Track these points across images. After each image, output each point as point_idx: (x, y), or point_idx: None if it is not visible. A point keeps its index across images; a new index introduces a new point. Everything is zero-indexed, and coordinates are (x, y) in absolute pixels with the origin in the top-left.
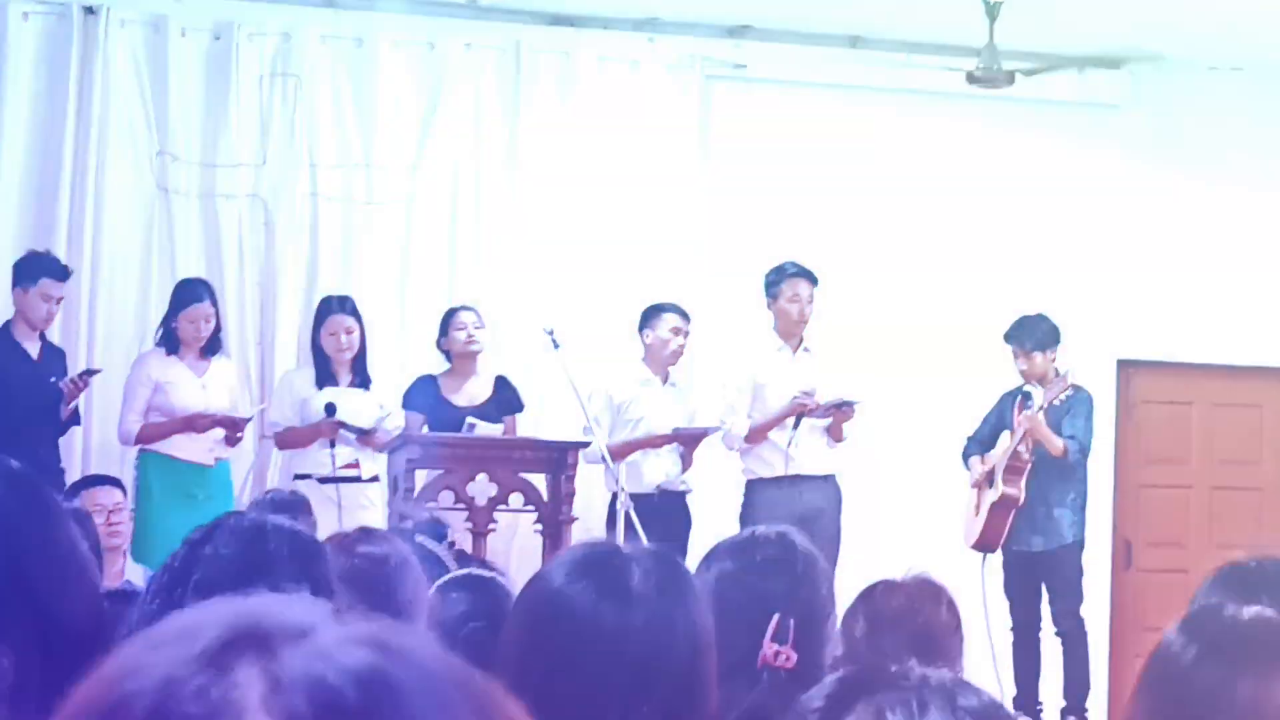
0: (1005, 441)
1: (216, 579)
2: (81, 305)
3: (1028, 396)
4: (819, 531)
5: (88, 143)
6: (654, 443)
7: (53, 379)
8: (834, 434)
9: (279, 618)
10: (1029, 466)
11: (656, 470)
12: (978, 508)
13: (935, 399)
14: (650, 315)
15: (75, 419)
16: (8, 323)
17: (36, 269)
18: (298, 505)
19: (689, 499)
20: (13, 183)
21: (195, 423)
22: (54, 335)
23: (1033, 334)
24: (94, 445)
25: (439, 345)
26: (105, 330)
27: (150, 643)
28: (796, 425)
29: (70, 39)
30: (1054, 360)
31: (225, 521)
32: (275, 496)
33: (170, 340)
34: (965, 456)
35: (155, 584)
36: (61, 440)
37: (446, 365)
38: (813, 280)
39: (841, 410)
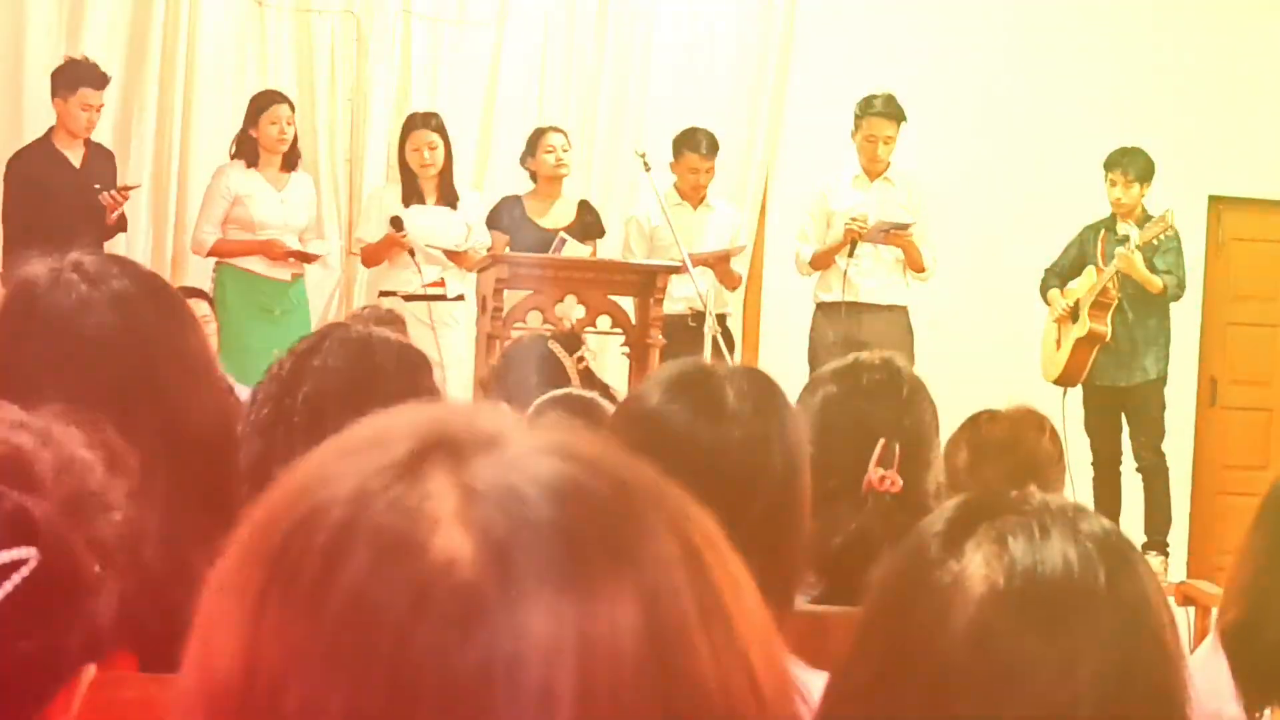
0: (1090, 276)
1: (326, 390)
2: (175, 119)
3: (1113, 231)
4: None
5: None
6: (679, 269)
7: (96, 186)
8: (912, 265)
9: (470, 426)
10: (1116, 301)
11: (689, 293)
12: (1059, 342)
13: (1016, 232)
14: (675, 148)
15: (122, 226)
16: (50, 130)
17: (74, 78)
18: (392, 322)
19: (729, 323)
20: None
21: (270, 249)
22: (144, 147)
23: (1135, 163)
24: (185, 257)
25: (523, 163)
26: (198, 144)
27: (340, 451)
28: (852, 251)
29: None
30: (1145, 190)
31: (332, 333)
32: (371, 314)
33: (249, 151)
34: (1044, 289)
35: (263, 392)
36: (152, 250)
37: (531, 186)
38: (895, 118)
39: (893, 234)
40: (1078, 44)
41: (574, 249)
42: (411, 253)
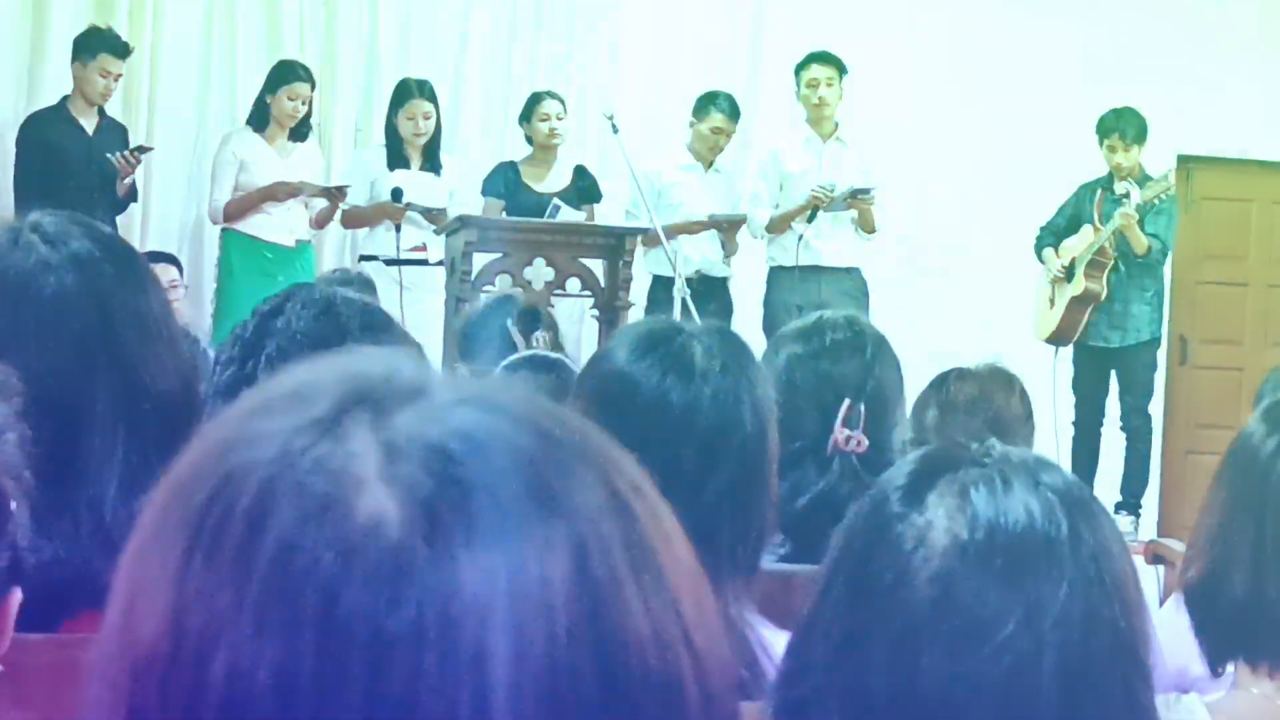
0: (1087, 235)
1: (289, 350)
2: (141, 84)
3: (1109, 190)
4: None
5: None
6: (691, 228)
7: (107, 154)
8: (864, 225)
9: (391, 378)
10: (1112, 262)
11: (696, 254)
12: (1052, 301)
13: (985, 190)
14: (699, 106)
15: (133, 195)
16: (65, 98)
17: (97, 43)
18: (364, 284)
19: (730, 284)
20: None
21: (275, 192)
22: (112, 112)
23: (1131, 125)
24: (152, 224)
25: (520, 126)
26: (164, 109)
27: (260, 408)
28: (812, 218)
29: None
30: (1140, 150)
31: (296, 293)
32: (340, 276)
33: (260, 117)
34: (1038, 247)
35: (226, 354)
36: (121, 218)
37: (511, 151)
38: (834, 65)
39: (858, 199)
40: (1047, 5)
41: (568, 214)
42: (397, 224)
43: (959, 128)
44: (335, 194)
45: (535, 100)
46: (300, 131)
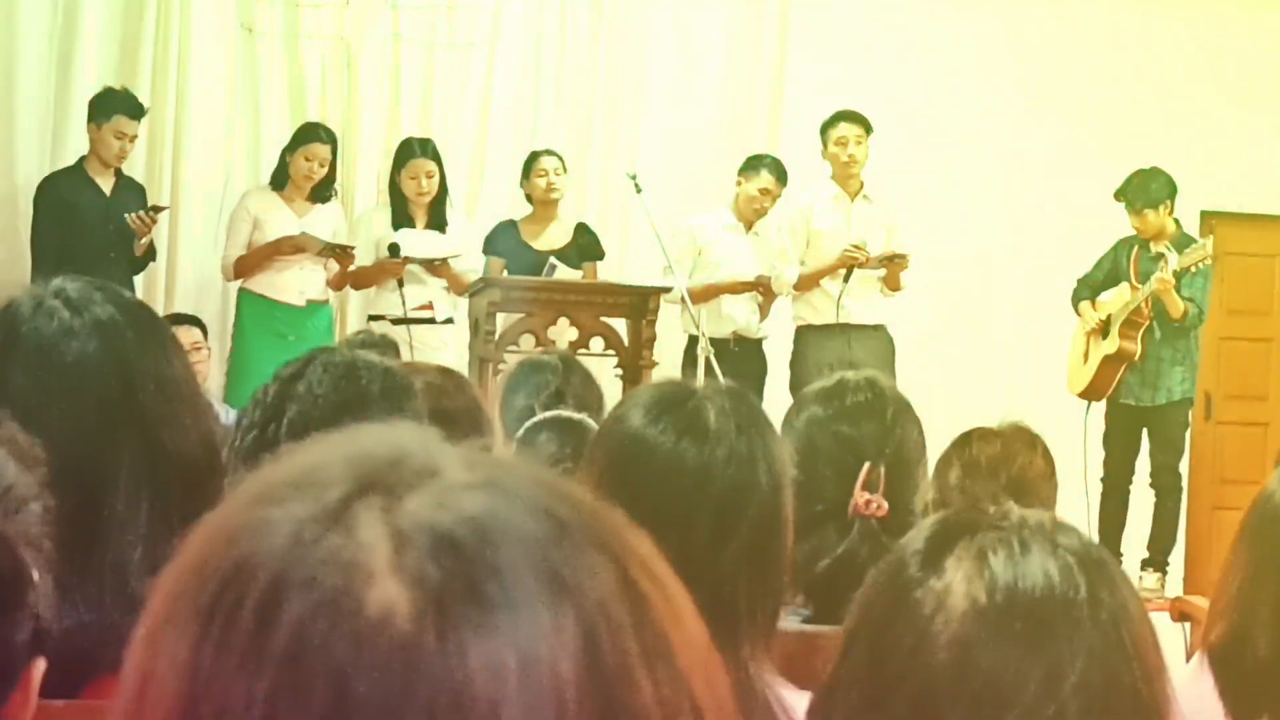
0: (1124, 293)
1: (310, 415)
2: (165, 145)
3: (1146, 248)
4: None
5: None
6: (735, 289)
7: (124, 214)
8: (890, 284)
9: (401, 461)
10: (1149, 322)
11: (734, 316)
12: (1086, 355)
13: (1011, 247)
14: (748, 166)
15: (151, 255)
16: (82, 158)
17: (111, 105)
18: (387, 346)
19: (765, 346)
20: (99, 20)
21: (281, 246)
22: (135, 173)
23: (1140, 192)
24: (178, 284)
25: (521, 186)
26: (189, 168)
27: (269, 495)
28: (848, 277)
29: None
30: (1170, 213)
31: (317, 357)
32: (365, 337)
33: (281, 176)
34: (1075, 300)
35: (247, 418)
36: (143, 278)
37: (528, 210)
38: (862, 124)
39: (894, 262)
40: (1070, 62)
41: (564, 274)
42: (400, 280)
43: (983, 183)
44: (340, 254)
45: (533, 158)
46: (321, 193)
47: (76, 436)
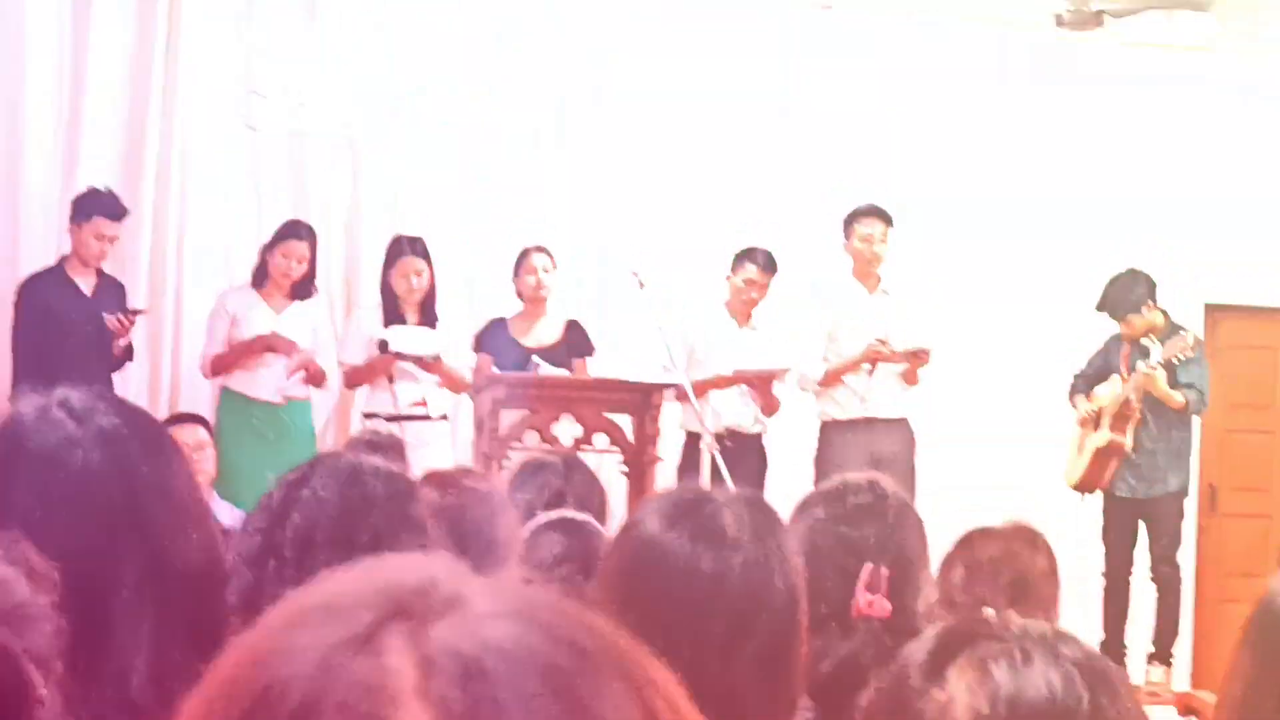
0: (1115, 386)
1: (315, 520)
2: (169, 242)
3: (1136, 343)
4: (893, 474)
5: (176, 79)
6: (718, 384)
7: (104, 314)
8: (908, 378)
9: (427, 590)
10: (1138, 415)
11: (727, 411)
12: (1081, 447)
13: (1020, 340)
14: (735, 261)
15: (129, 355)
16: (64, 258)
17: (91, 206)
18: (392, 446)
19: (765, 440)
20: (103, 119)
21: (254, 346)
22: (139, 271)
23: (1120, 301)
24: (183, 379)
25: (512, 282)
26: (193, 271)
27: (298, 620)
28: (872, 371)
29: None
30: (1154, 309)
31: (322, 462)
32: (371, 437)
33: (259, 274)
34: (1071, 394)
35: (252, 524)
36: (137, 376)
37: (519, 307)
38: (885, 219)
39: (916, 356)
40: (1074, 157)
41: (549, 372)
42: (390, 377)
43: (991, 279)
44: (292, 349)
45: (523, 254)
46: (302, 290)
47: (80, 546)
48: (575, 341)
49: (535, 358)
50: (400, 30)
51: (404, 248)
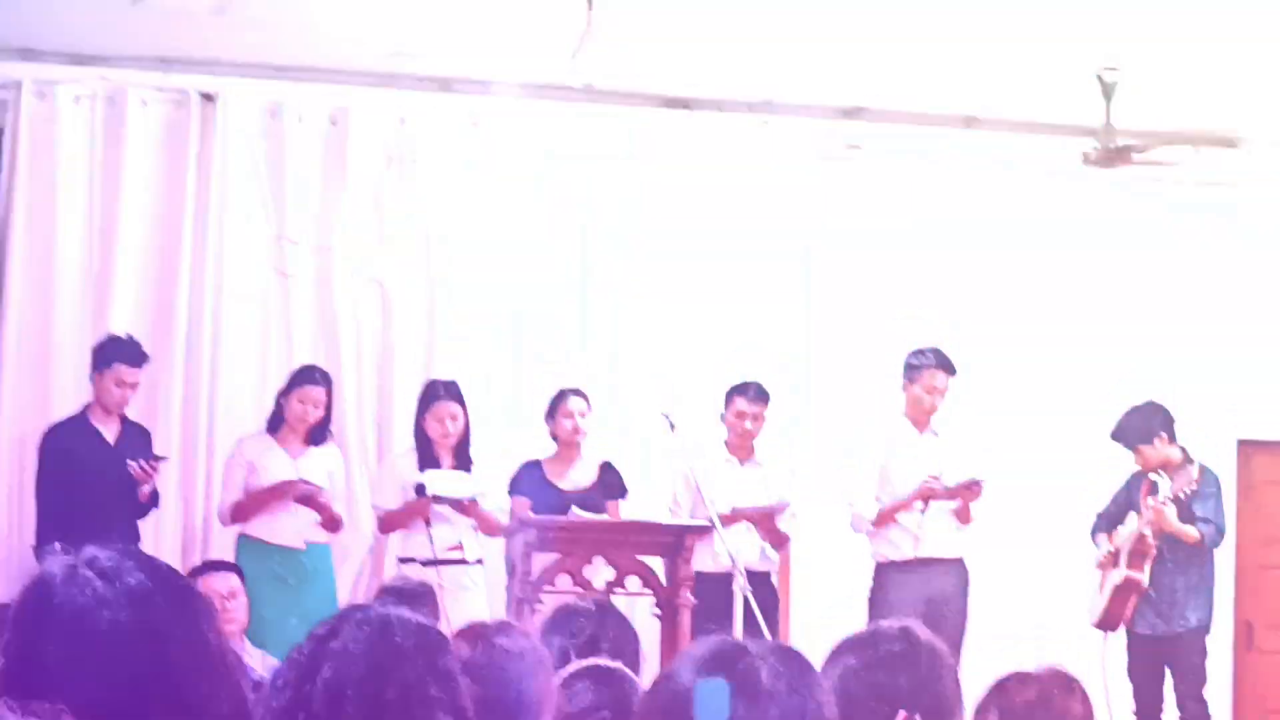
0: (1133, 523)
1: (345, 674)
2: (201, 388)
3: (1154, 481)
4: (947, 614)
5: (206, 227)
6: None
7: (128, 460)
8: (961, 516)
9: None
10: (1154, 552)
11: (733, 549)
12: (1101, 586)
13: (1057, 478)
14: (727, 397)
15: (155, 501)
16: (86, 406)
17: (111, 353)
18: (423, 595)
19: (773, 577)
20: (133, 267)
21: (278, 491)
22: (171, 417)
23: (1132, 431)
24: (214, 525)
25: (546, 424)
26: (224, 413)
27: None
28: (925, 509)
29: (188, 125)
30: (1169, 443)
31: (350, 615)
32: (403, 586)
33: (276, 420)
34: (1093, 533)
35: (282, 677)
36: (169, 523)
37: (553, 448)
38: (951, 370)
39: (969, 490)
40: (1106, 294)
41: (583, 519)
42: (426, 520)
43: (1034, 414)
44: (308, 501)
45: (560, 397)
46: (317, 435)
47: (111, 706)
48: (610, 483)
49: (574, 508)
50: (427, 176)
51: (438, 391)
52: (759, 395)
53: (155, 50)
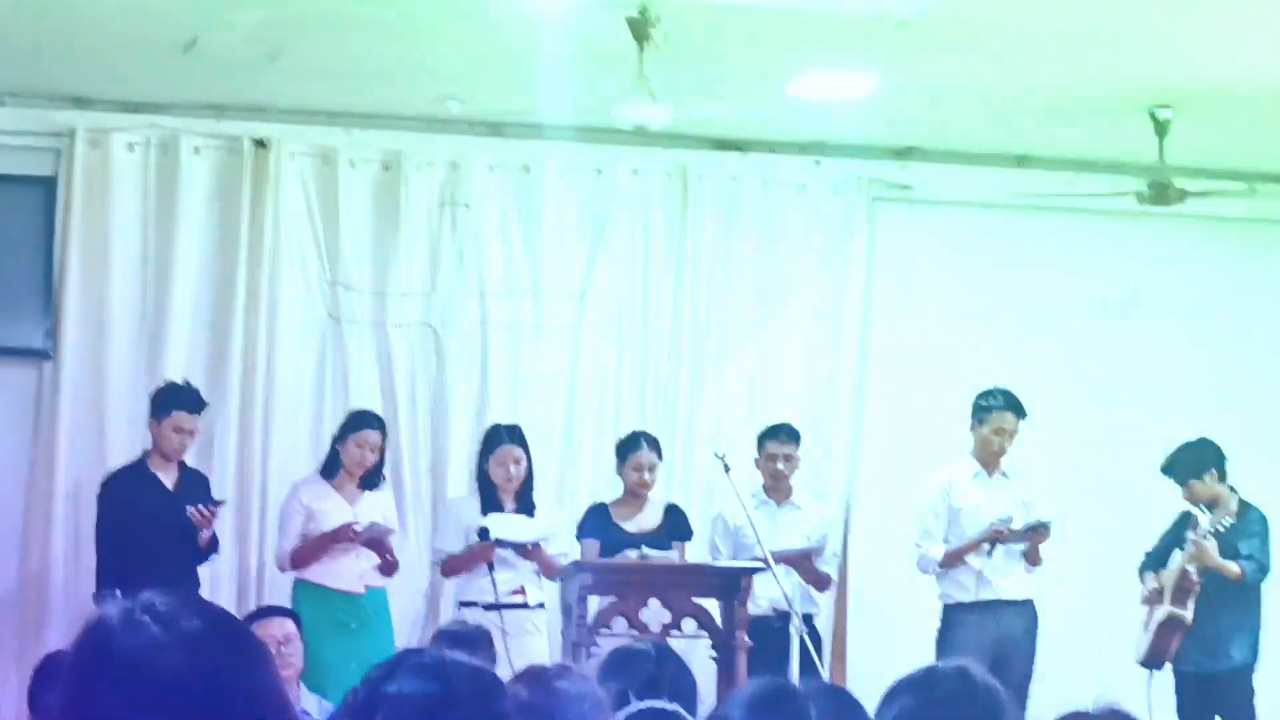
0: (1177, 560)
1: (400, 718)
2: (256, 434)
3: (1195, 516)
4: (1015, 656)
5: (260, 273)
6: (761, 569)
7: (187, 506)
8: (1030, 558)
9: None
10: (1198, 587)
11: (771, 592)
12: (1147, 623)
13: (1119, 518)
14: (758, 442)
15: (214, 547)
16: (145, 453)
17: (170, 400)
18: (479, 639)
19: (817, 621)
20: (188, 313)
21: (341, 535)
22: (227, 464)
23: (1180, 465)
24: (268, 572)
25: (617, 471)
26: (280, 459)
27: None
28: (991, 551)
29: (242, 171)
30: (1218, 479)
31: (406, 659)
32: (459, 631)
33: (332, 465)
34: (1141, 571)
35: None
36: (226, 569)
37: (617, 491)
38: (1020, 414)
39: (1037, 532)
40: (1159, 330)
41: (655, 558)
42: (490, 565)
43: (1073, 455)
44: (381, 539)
45: (634, 447)
46: (371, 480)
47: None
48: (676, 525)
49: (644, 548)
50: (480, 220)
51: (503, 436)
52: (790, 436)
53: (208, 97)
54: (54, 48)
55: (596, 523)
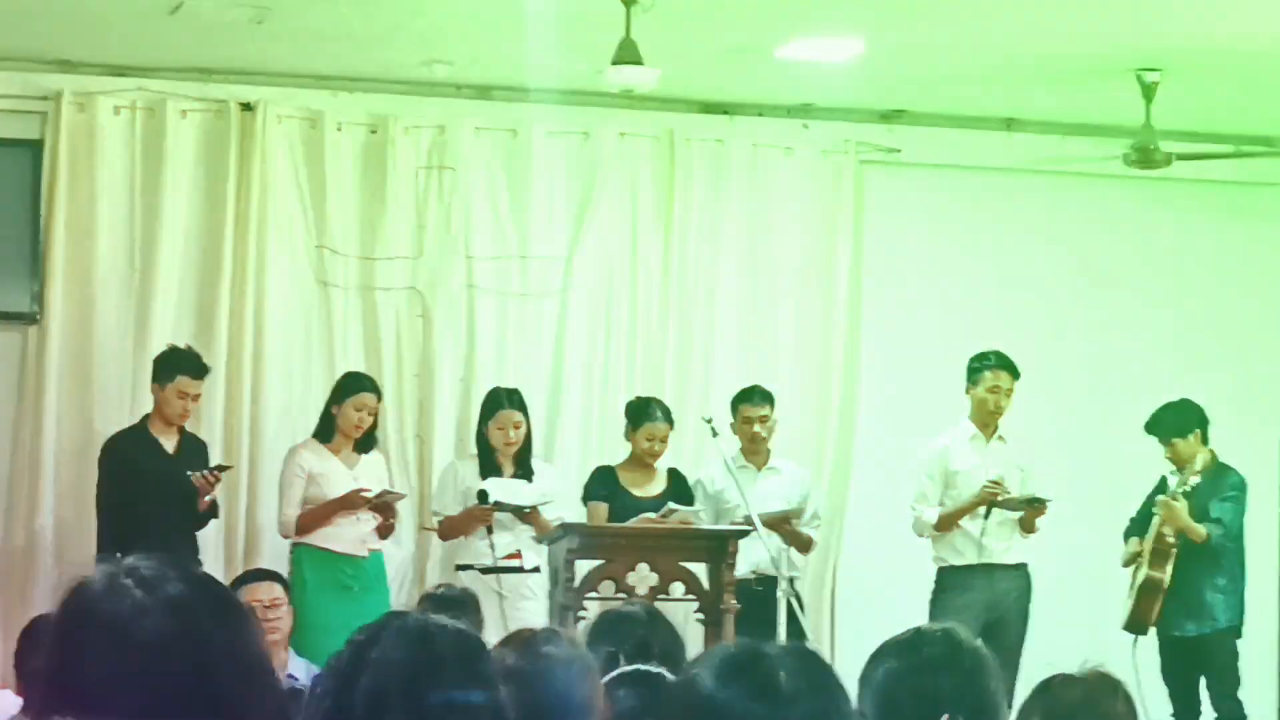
0: (1155, 524)
1: (384, 682)
2: (243, 399)
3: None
4: (1009, 619)
5: (246, 237)
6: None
7: (188, 472)
8: (1026, 526)
9: None
10: (1174, 550)
11: (751, 556)
12: (1130, 588)
13: (1103, 484)
14: (732, 406)
15: (214, 512)
16: (146, 417)
17: (174, 365)
18: (465, 602)
19: (799, 584)
20: (174, 277)
21: (350, 500)
22: (214, 428)
23: (1164, 423)
24: (257, 537)
25: (626, 436)
26: (265, 423)
27: None
28: (988, 515)
29: (228, 135)
30: (1200, 441)
31: (390, 622)
32: (446, 594)
33: (326, 429)
34: (1126, 536)
35: (322, 685)
36: (213, 533)
37: (617, 455)
38: (1014, 373)
39: (1034, 506)
40: (1145, 293)
41: (683, 514)
42: (489, 528)
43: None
44: (390, 503)
45: (648, 417)
46: (365, 443)
47: (151, 715)
48: (679, 490)
49: (670, 503)
50: (467, 183)
51: (502, 400)
52: (763, 399)
53: (194, 60)
54: (40, 11)
55: (604, 485)
